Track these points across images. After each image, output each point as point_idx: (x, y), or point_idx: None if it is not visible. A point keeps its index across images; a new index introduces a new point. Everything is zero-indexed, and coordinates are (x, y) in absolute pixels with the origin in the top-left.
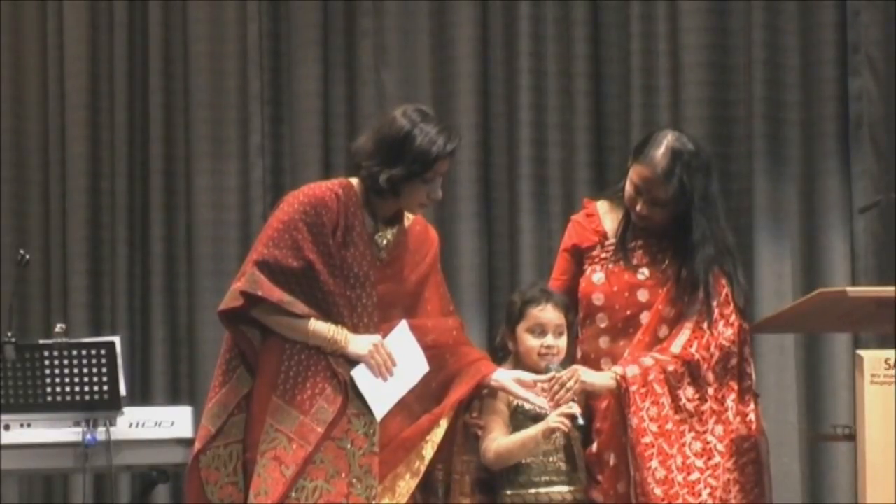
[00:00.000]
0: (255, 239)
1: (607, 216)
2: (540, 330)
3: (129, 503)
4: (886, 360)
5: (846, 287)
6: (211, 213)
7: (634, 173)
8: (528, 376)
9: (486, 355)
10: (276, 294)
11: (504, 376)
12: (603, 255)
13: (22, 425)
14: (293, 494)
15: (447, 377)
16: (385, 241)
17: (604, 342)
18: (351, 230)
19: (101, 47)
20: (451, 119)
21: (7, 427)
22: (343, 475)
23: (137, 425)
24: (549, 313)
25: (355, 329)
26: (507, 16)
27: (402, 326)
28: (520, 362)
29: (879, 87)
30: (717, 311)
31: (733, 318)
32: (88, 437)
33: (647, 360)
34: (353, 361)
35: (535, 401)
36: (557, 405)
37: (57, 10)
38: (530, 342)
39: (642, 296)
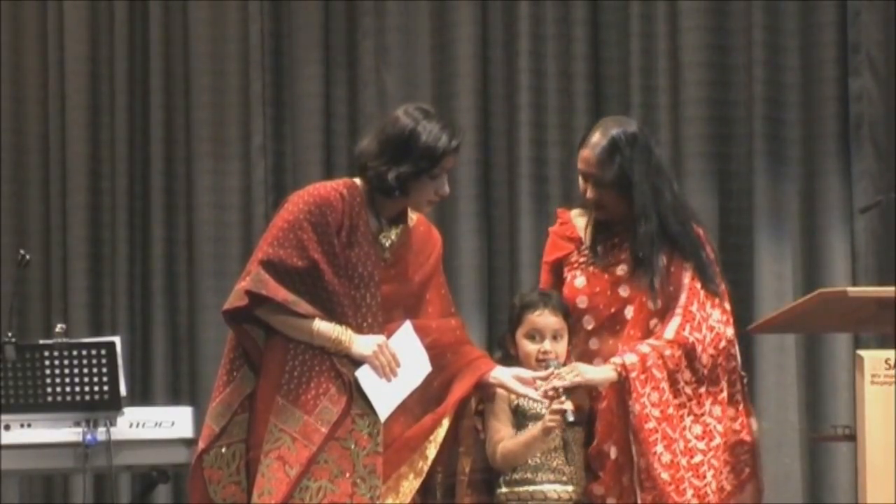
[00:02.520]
0: (259, 239)
1: (580, 221)
2: (538, 335)
3: (129, 503)
4: (886, 361)
5: (846, 287)
6: (212, 214)
7: (578, 161)
8: (526, 373)
9: (487, 354)
10: (281, 294)
11: (503, 373)
12: (581, 260)
13: (22, 425)
14: (297, 494)
15: (449, 377)
16: (389, 242)
17: (593, 343)
18: (355, 230)
19: (101, 47)
20: (451, 119)
21: (7, 427)
22: (347, 475)
23: (138, 425)
24: (546, 318)
25: (359, 329)
26: (507, 16)
27: (406, 327)
28: (522, 367)
29: (880, 88)
30: (701, 293)
31: (717, 300)
32: (89, 437)
33: (644, 348)
34: (357, 362)
35: (534, 396)
36: (550, 400)
37: (57, 10)
38: (528, 347)
39: (623, 291)
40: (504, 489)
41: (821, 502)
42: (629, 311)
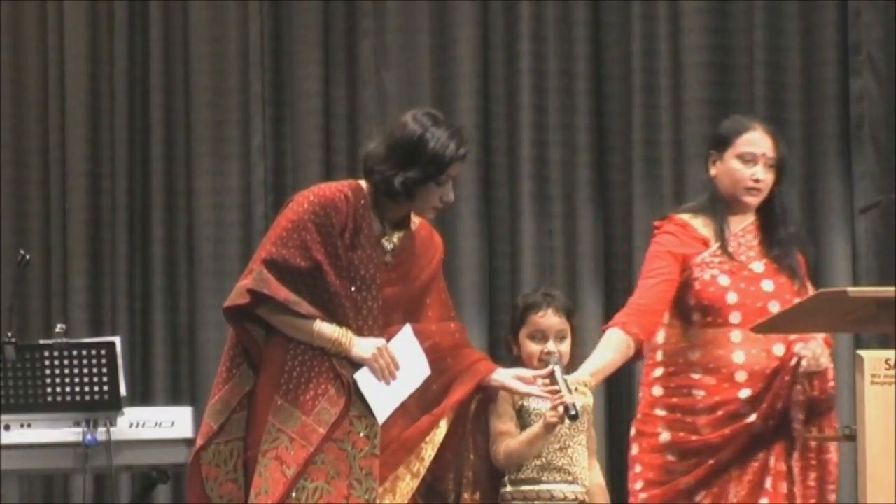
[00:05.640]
0: (258, 239)
1: (697, 223)
2: (540, 335)
3: (129, 503)
4: (887, 361)
5: (846, 287)
6: (212, 214)
7: (745, 145)
8: (527, 372)
9: (487, 356)
10: (283, 293)
11: (504, 375)
12: (716, 260)
13: (22, 425)
14: (294, 494)
15: (448, 380)
16: (391, 245)
17: (736, 336)
18: (359, 232)
19: (101, 47)
20: (451, 119)
21: (7, 427)
22: (344, 477)
23: (137, 425)
24: (549, 318)
25: (360, 331)
26: (508, 16)
27: (406, 330)
28: (524, 367)
29: (880, 88)
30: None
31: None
32: (88, 437)
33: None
34: (356, 364)
35: (538, 394)
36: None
37: (57, 10)
38: (531, 347)
39: (767, 286)
40: (509, 488)
41: None
42: (774, 306)
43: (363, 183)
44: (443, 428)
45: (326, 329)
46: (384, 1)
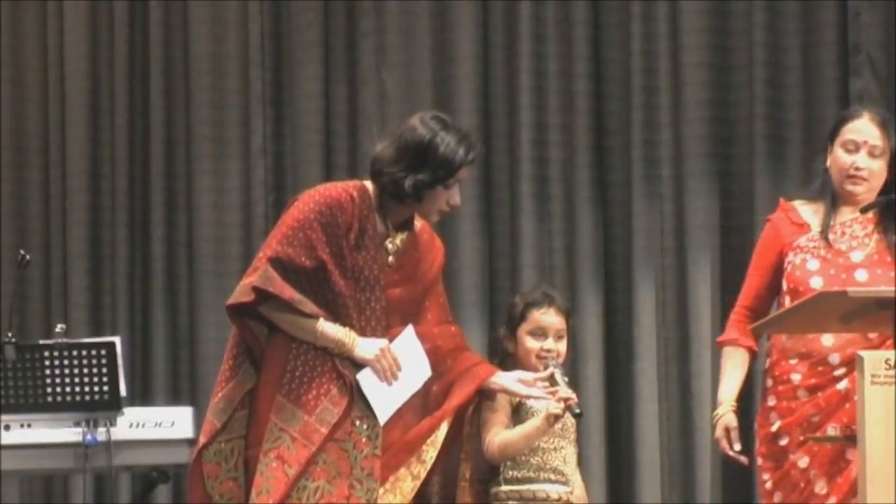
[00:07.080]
0: (258, 239)
1: (805, 209)
2: (541, 333)
3: (129, 503)
4: (886, 361)
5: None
6: (212, 214)
7: (849, 132)
8: (528, 375)
9: (486, 359)
10: (288, 292)
11: (505, 378)
12: (811, 245)
13: (22, 425)
14: (294, 494)
15: (448, 382)
16: (394, 247)
17: None
18: (364, 233)
19: (101, 47)
20: (466, 130)
21: (7, 427)
22: (345, 477)
23: (138, 425)
24: (551, 317)
25: (363, 332)
26: (508, 16)
27: (409, 332)
28: (517, 364)
29: (880, 88)
30: None
31: None
32: (88, 437)
33: None
34: (358, 364)
35: (539, 395)
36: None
37: (57, 10)
38: (530, 344)
39: (861, 276)
40: (503, 487)
41: None
42: None
43: (368, 184)
44: (444, 430)
45: (330, 329)
46: (384, 1)
